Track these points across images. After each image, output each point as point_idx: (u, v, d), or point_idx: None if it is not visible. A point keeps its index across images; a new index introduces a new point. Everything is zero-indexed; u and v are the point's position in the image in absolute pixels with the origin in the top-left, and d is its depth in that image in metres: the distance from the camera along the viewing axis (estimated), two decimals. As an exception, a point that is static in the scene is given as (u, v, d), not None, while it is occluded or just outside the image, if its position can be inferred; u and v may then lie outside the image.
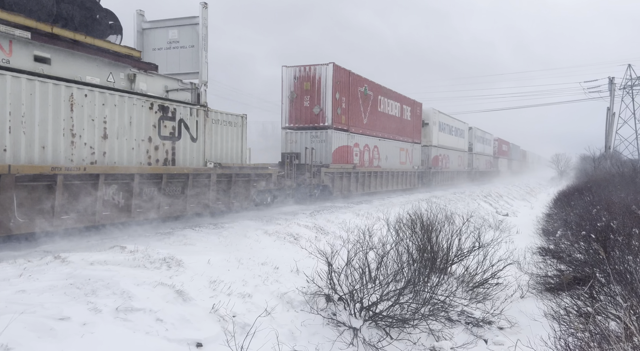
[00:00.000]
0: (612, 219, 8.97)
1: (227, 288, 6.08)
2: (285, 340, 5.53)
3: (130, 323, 4.75)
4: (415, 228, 8.77)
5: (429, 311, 6.55)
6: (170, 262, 6.49)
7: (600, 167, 32.34)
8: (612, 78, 43.03)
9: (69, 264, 5.99)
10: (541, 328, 6.14)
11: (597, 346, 4.15)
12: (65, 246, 7.52)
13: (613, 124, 42.36)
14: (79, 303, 4.78)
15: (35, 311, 4.42)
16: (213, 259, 6.95)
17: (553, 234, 11.98)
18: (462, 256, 8.54)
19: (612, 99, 42.63)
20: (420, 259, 7.48)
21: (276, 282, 6.81)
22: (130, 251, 6.76)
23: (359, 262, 6.73)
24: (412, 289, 6.56)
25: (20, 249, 7.22)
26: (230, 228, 9.40)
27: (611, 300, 5.71)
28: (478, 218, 15.60)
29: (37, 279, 5.31)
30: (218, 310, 5.47)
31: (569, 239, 9.88)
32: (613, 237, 7.57)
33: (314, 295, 6.58)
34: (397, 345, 6.06)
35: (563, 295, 7.27)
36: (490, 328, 6.95)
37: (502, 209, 22.43)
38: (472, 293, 7.94)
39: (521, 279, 8.82)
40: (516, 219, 19.24)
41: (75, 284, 5.20)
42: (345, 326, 6.10)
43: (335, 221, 11.72)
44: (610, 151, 40.37)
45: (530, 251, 10.91)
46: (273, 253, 8.07)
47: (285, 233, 9.54)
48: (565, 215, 13.35)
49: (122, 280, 5.46)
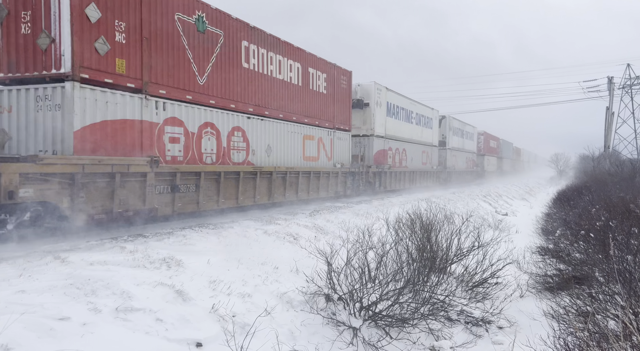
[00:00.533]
0: (611, 219, 8.99)
1: (227, 287, 6.09)
2: (285, 340, 5.54)
3: (130, 323, 4.75)
4: (414, 227, 8.78)
5: (429, 310, 6.56)
6: (170, 262, 6.50)
7: (599, 167, 32.37)
8: (611, 78, 43.08)
9: (69, 264, 5.99)
10: (540, 328, 6.15)
11: (596, 345, 4.16)
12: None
13: (612, 124, 42.42)
14: (78, 303, 4.78)
15: (35, 312, 4.43)
16: (213, 259, 6.95)
17: (552, 234, 12.00)
18: (461, 256, 8.55)
19: (612, 98, 42.69)
20: (419, 258, 7.49)
21: (276, 282, 6.82)
22: (130, 251, 6.77)
23: (359, 262, 6.73)
24: (411, 288, 6.57)
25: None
26: (230, 228, 9.41)
27: (610, 299, 5.73)
28: (477, 217, 15.61)
29: (37, 280, 5.31)
30: (218, 310, 5.47)
31: (568, 238, 9.90)
32: (612, 236, 7.59)
33: (314, 295, 6.59)
34: (397, 345, 6.07)
35: (562, 294, 7.28)
36: (489, 328, 6.96)
37: (502, 208, 22.45)
38: (472, 292, 7.95)
39: (520, 279, 8.83)
40: (515, 219, 19.26)
41: (75, 285, 5.20)
42: (344, 326, 6.11)
43: (335, 220, 11.74)
44: (610, 151, 40.42)
45: (530, 250, 10.93)
46: (273, 252, 8.08)
47: (285, 232, 9.55)
48: (565, 214, 13.38)
49: (122, 280, 5.47)
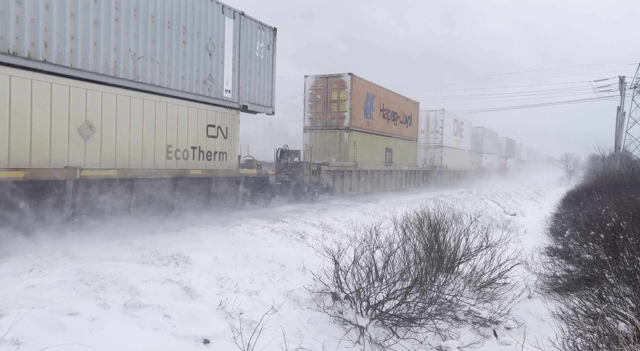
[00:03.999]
0: (622, 220, 8.89)
1: (234, 285, 6.11)
2: (292, 338, 5.55)
3: (139, 319, 4.78)
4: (422, 226, 8.75)
5: (436, 310, 6.53)
6: (178, 259, 6.53)
7: (609, 167, 32.03)
8: (622, 77, 42.55)
9: (78, 260, 6.05)
10: (549, 329, 6.10)
11: (605, 347, 4.12)
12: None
13: (623, 124, 41.92)
14: (88, 299, 4.82)
15: (45, 307, 4.47)
16: (220, 256, 6.98)
17: (561, 234, 11.91)
18: (469, 256, 8.51)
19: (623, 98, 42.16)
20: (427, 258, 7.46)
21: (283, 280, 6.83)
22: (138, 248, 6.82)
23: (366, 260, 6.72)
24: (418, 288, 6.55)
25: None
26: (237, 225, 9.43)
27: (620, 301, 5.67)
28: (486, 217, 15.52)
29: (46, 275, 5.37)
30: (225, 307, 5.49)
31: (578, 239, 9.81)
32: (623, 238, 7.51)
33: (321, 293, 6.59)
34: (404, 344, 6.05)
35: (571, 296, 7.22)
36: (497, 328, 6.92)
37: (510, 208, 22.30)
38: (479, 292, 7.91)
39: (529, 280, 8.77)
40: (524, 219, 19.13)
41: (84, 280, 5.25)
42: (351, 325, 6.10)
43: (342, 219, 11.73)
44: (620, 151, 39.95)
45: (538, 251, 10.84)
46: (280, 250, 8.09)
47: (292, 231, 9.56)
48: (574, 215, 13.26)
49: (131, 277, 5.51)
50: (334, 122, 18.64)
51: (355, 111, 18.69)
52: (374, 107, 20.61)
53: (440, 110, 30.38)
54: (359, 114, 19.07)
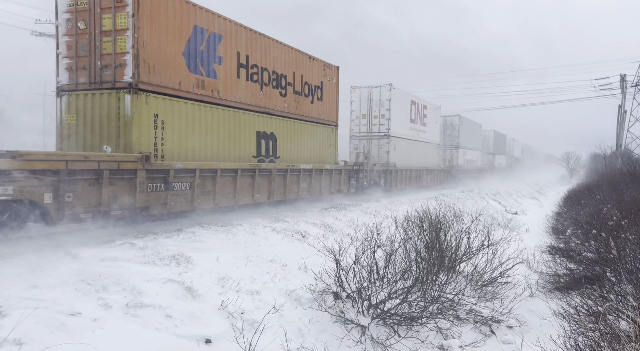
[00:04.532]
0: (624, 218, 8.88)
1: (236, 285, 6.12)
2: (294, 337, 5.55)
3: (140, 319, 4.79)
4: (423, 225, 8.75)
5: (438, 309, 6.53)
6: (179, 259, 6.54)
7: (611, 166, 31.99)
8: (623, 75, 42.44)
9: (80, 260, 6.06)
10: (551, 327, 6.10)
11: (607, 345, 4.12)
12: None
13: (624, 122, 41.83)
14: (89, 299, 4.84)
15: (47, 307, 4.48)
16: (222, 256, 6.98)
17: (563, 233, 11.90)
18: (470, 255, 8.51)
19: (624, 96, 42.06)
20: (428, 257, 7.46)
21: (284, 279, 6.83)
22: (140, 248, 6.82)
23: (367, 260, 6.72)
24: (420, 287, 6.55)
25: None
26: (239, 225, 9.44)
27: (622, 299, 5.66)
28: (487, 216, 15.52)
29: (49, 275, 5.38)
30: (227, 307, 5.50)
31: (579, 238, 9.81)
32: (624, 236, 7.50)
33: (322, 293, 6.59)
34: (405, 343, 6.06)
35: (573, 294, 7.21)
36: (499, 327, 6.92)
37: (512, 207, 22.28)
38: (481, 291, 7.91)
39: (530, 278, 8.76)
40: (525, 218, 19.11)
41: (86, 280, 5.26)
42: (353, 324, 6.10)
43: (343, 218, 11.73)
44: (622, 149, 39.89)
45: (540, 249, 10.83)
46: (281, 250, 8.10)
47: (293, 230, 9.56)
48: (576, 214, 13.25)
49: (132, 277, 5.52)
50: (108, 75, 8.85)
51: (152, 50, 8.93)
52: (223, 56, 10.75)
53: (386, 85, 21.04)
54: (167, 58, 9.27)
